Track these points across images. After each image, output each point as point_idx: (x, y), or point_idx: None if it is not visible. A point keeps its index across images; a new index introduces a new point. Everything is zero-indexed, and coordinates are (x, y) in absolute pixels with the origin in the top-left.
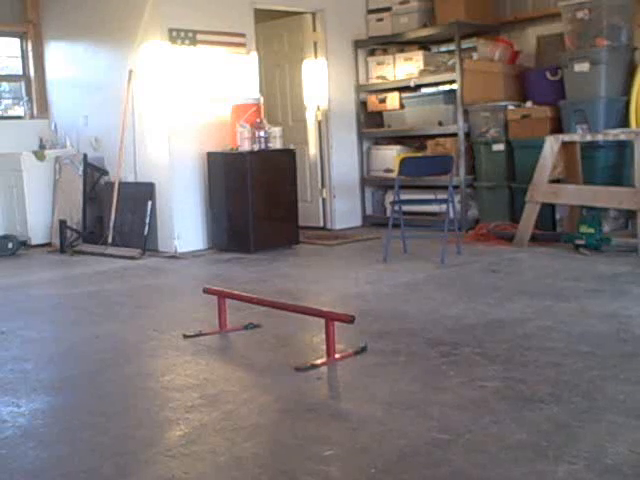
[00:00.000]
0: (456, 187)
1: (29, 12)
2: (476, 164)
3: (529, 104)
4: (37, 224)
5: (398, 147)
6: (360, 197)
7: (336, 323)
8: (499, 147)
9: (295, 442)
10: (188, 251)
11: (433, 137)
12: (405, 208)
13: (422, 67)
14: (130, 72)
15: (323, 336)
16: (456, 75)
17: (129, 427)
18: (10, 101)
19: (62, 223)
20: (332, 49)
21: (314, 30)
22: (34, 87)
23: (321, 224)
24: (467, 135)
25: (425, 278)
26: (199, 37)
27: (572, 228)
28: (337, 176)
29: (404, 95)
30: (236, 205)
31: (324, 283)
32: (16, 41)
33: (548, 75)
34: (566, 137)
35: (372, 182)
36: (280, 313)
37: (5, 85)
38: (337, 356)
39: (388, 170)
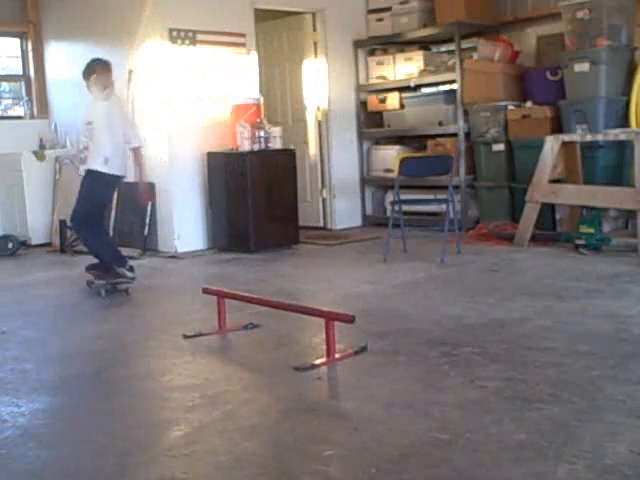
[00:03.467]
0: (456, 187)
1: (29, 12)
2: (476, 164)
3: (529, 104)
4: (37, 224)
5: (398, 147)
6: (360, 197)
7: (336, 323)
8: (499, 147)
9: (295, 442)
10: (188, 251)
11: (433, 137)
12: (405, 208)
13: (422, 67)
14: (130, 72)
15: (323, 336)
16: (456, 75)
17: (129, 427)
18: (10, 101)
19: (62, 223)
20: (332, 49)
21: (314, 30)
22: (34, 87)
23: (321, 224)
24: (467, 135)
25: (425, 278)
26: (199, 37)
27: (572, 228)
28: (337, 176)
29: (404, 95)
30: (236, 205)
31: (324, 283)
32: (16, 41)
33: (548, 75)
34: (566, 137)
35: (372, 182)
36: (280, 313)
37: (5, 85)
38: (337, 356)
39: (388, 170)
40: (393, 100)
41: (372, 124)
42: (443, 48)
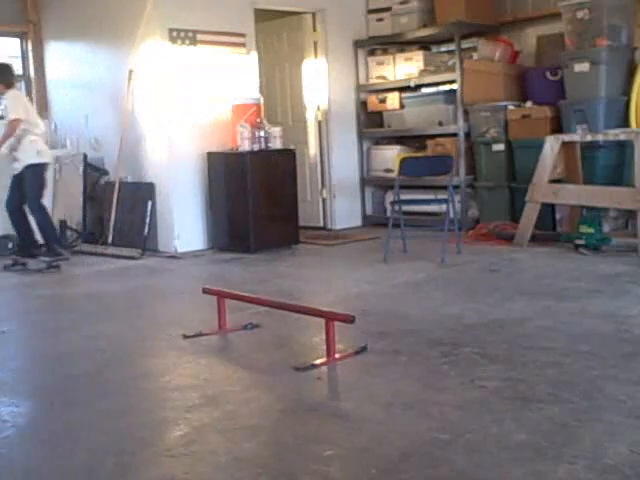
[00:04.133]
0: (456, 187)
1: (29, 12)
2: (476, 164)
3: (529, 104)
4: None
5: (398, 147)
6: (360, 197)
7: (336, 323)
8: (499, 147)
9: (295, 442)
10: (188, 251)
11: (433, 137)
12: (405, 208)
13: (422, 67)
14: (130, 72)
15: (323, 336)
16: (456, 75)
17: (129, 427)
18: None
19: (62, 223)
20: (332, 49)
21: (314, 30)
22: (34, 87)
23: (321, 224)
24: (467, 135)
25: (425, 278)
26: (199, 37)
27: (572, 228)
28: (337, 176)
29: (404, 95)
30: (236, 205)
31: (324, 283)
32: (16, 41)
33: (548, 75)
34: (566, 137)
35: (372, 182)
36: (280, 313)
37: None
38: (337, 356)
39: (388, 170)
40: (393, 100)
41: (372, 124)
42: (443, 48)
